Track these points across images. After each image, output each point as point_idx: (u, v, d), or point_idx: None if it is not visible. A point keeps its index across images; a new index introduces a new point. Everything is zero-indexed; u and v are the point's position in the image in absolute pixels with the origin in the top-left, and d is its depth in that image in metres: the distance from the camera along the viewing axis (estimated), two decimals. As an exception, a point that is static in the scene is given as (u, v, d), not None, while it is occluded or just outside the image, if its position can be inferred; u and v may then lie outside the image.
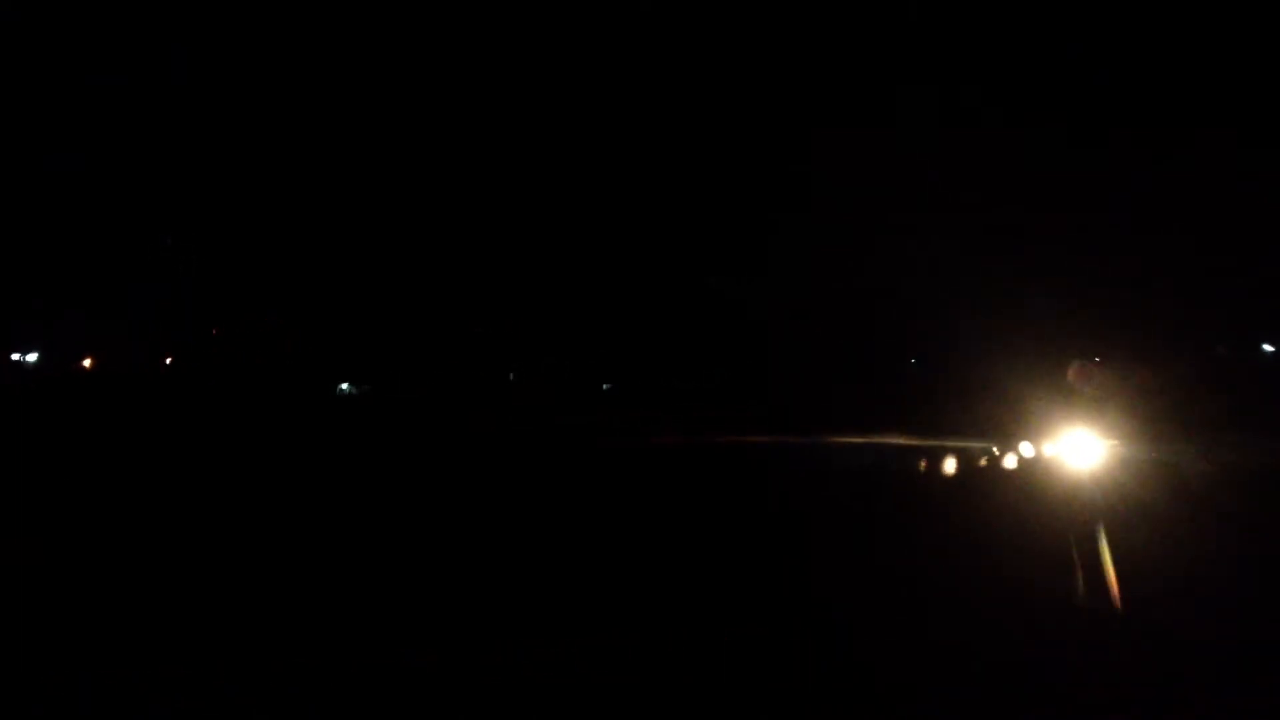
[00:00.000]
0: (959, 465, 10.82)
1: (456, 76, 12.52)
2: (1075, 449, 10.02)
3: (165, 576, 7.21)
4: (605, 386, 13.04)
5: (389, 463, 10.87)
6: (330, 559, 7.65)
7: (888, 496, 10.00)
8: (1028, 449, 10.64)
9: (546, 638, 6.26)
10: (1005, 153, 11.52)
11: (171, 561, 7.57)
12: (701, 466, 11.42)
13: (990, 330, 11.99)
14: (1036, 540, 7.85)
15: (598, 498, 9.58)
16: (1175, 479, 9.30)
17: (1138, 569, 7.12)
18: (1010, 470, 10.48)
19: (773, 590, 7.16)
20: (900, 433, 12.09)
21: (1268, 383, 12.14)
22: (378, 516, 8.88)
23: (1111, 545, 7.45)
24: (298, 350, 13.25)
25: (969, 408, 11.99)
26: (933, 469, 11.06)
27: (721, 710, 5.56)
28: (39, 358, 16.13)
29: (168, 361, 15.12)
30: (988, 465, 10.80)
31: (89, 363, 16.07)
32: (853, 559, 7.78)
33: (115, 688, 5.60)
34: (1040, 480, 9.79)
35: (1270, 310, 11.83)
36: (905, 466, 11.29)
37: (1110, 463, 9.74)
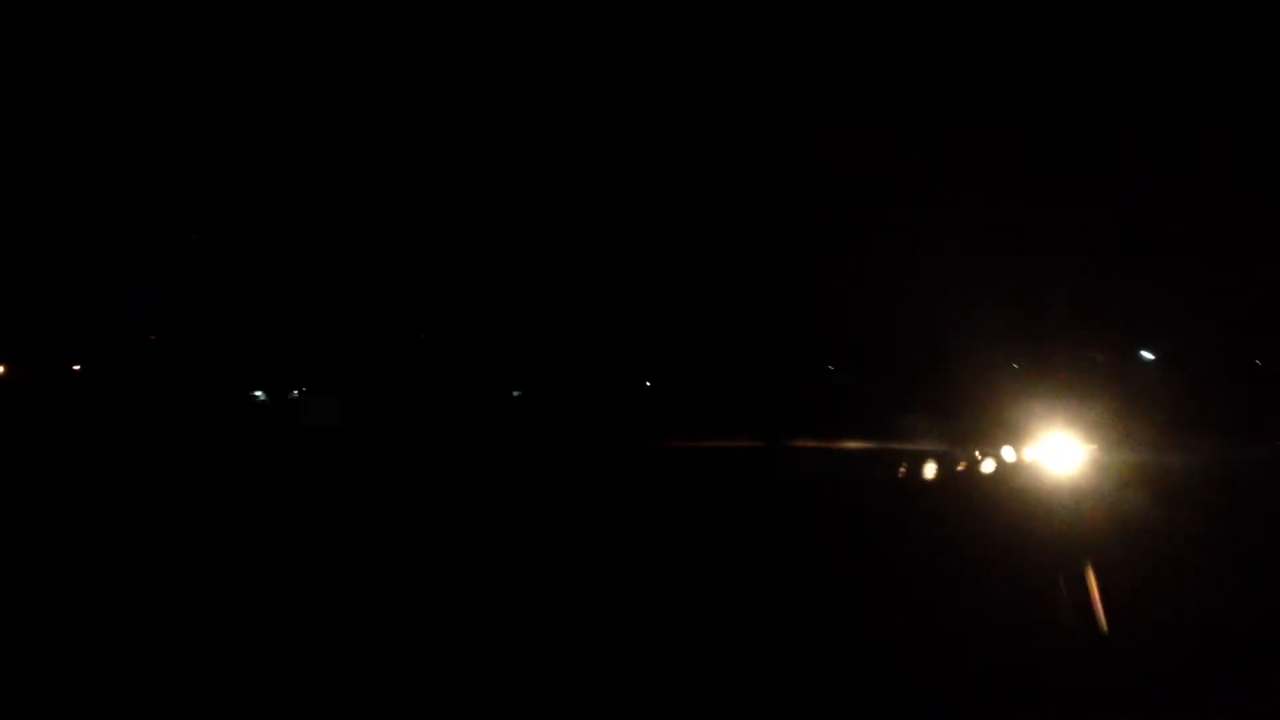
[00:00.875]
0: (939, 470, 10.93)
1: (453, 75, 12.51)
2: (1056, 453, 10.14)
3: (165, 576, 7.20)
4: (604, 386, 13.04)
5: (387, 466, 10.85)
6: (330, 560, 7.64)
7: (876, 499, 10.10)
8: (1009, 453, 10.76)
9: (546, 638, 6.28)
10: (1002, 153, 11.63)
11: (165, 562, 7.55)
12: (699, 468, 11.46)
13: (972, 335, 12.11)
14: (1022, 542, 7.97)
15: (596, 498, 9.60)
16: (1158, 480, 9.44)
17: (1124, 571, 7.24)
18: (990, 474, 10.61)
19: (769, 590, 7.23)
20: (880, 438, 12.17)
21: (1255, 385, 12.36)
22: (377, 518, 8.87)
23: (1096, 548, 7.58)
24: (297, 351, 13.13)
25: (949, 413, 12.10)
26: (913, 474, 11.17)
27: (721, 710, 5.61)
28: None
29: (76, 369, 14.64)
30: (967, 470, 10.92)
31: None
32: (843, 559, 7.86)
33: (115, 688, 5.59)
34: (1022, 484, 9.92)
35: (1270, 313, 12.01)
36: (889, 470, 11.39)
37: (1091, 466, 9.88)
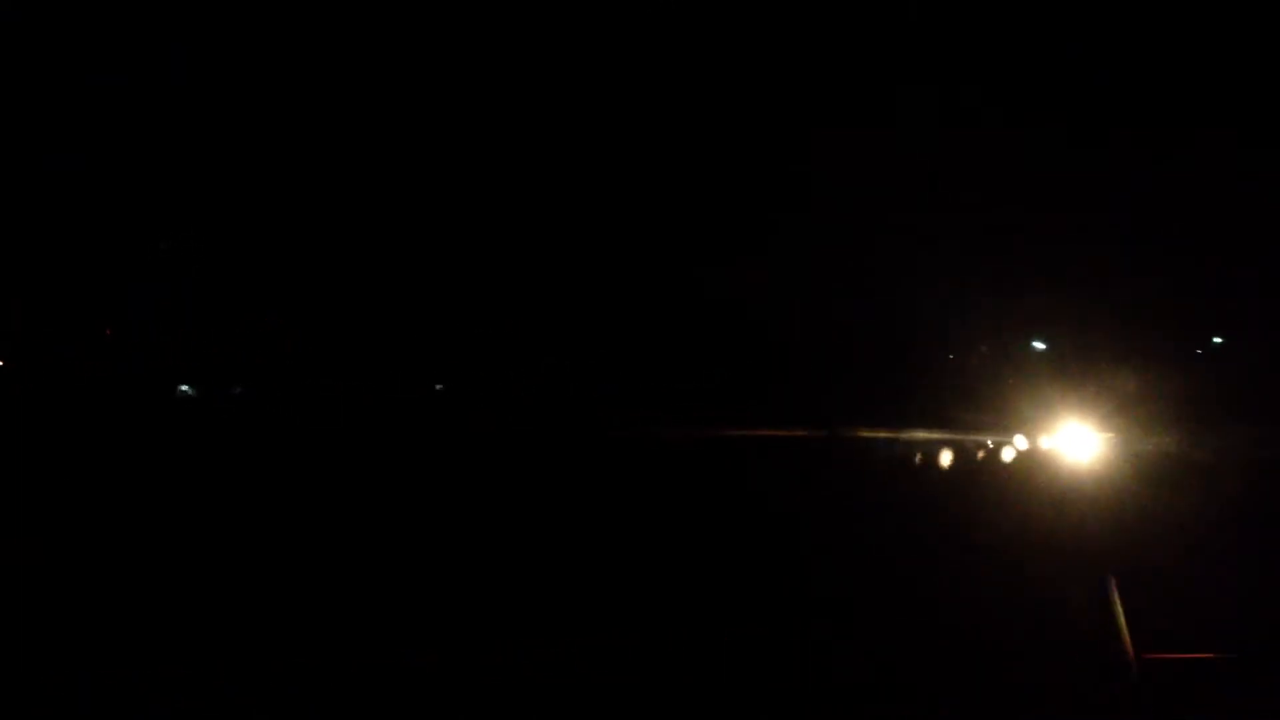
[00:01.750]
0: (956, 459, 10.84)
1: (453, 74, 12.47)
2: (1072, 441, 10.03)
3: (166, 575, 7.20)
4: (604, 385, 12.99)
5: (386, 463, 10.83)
6: (329, 559, 7.63)
7: (886, 490, 10.02)
8: (1022, 442, 10.65)
9: (546, 637, 6.24)
10: (1006, 149, 11.50)
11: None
12: (701, 463, 11.41)
13: (986, 323, 11.98)
14: (1037, 534, 7.88)
15: (594, 498, 9.56)
16: (1177, 471, 9.32)
17: (1139, 563, 7.12)
18: (1008, 463, 10.50)
19: (772, 588, 7.17)
20: (897, 426, 12.09)
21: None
22: (375, 516, 8.86)
23: (1113, 539, 7.47)
24: (297, 350, 13.10)
25: (965, 401, 12.00)
26: (930, 462, 11.08)
27: (721, 710, 5.56)
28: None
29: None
30: (985, 458, 10.82)
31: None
32: (852, 554, 7.79)
33: (115, 687, 5.58)
34: (1038, 473, 9.81)
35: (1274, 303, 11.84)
36: (903, 460, 11.30)
37: (1108, 455, 9.76)
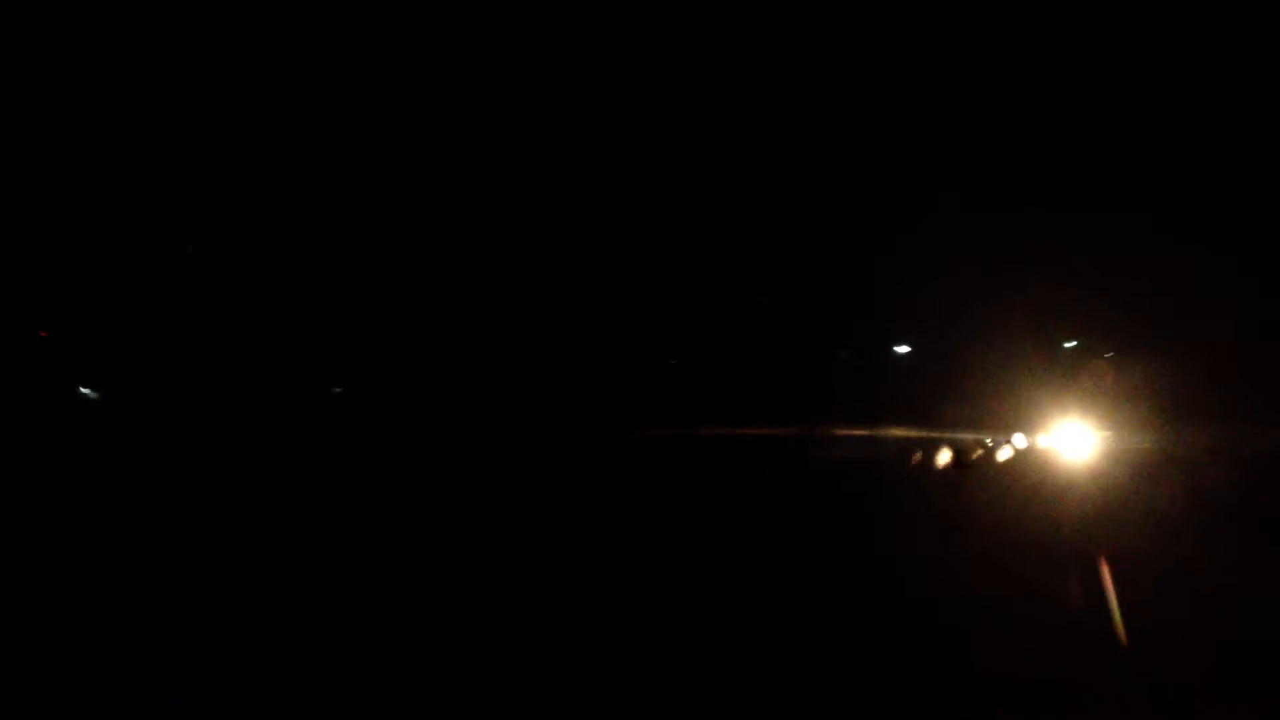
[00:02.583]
0: (953, 457, 10.81)
1: (453, 73, 12.42)
2: (1070, 440, 10.02)
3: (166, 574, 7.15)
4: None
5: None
6: (328, 558, 7.60)
7: (882, 489, 10.00)
8: (1021, 440, 10.64)
9: (546, 637, 6.23)
10: (997, 147, 11.50)
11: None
12: (695, 460, 11.40)
13: (982, 319, 11.97)
14: (1035, 534, 7.87)
15: (590, 495, 9.53)
16: (1178, 472, 9.31)
17: (1138, 565, 7.14)
18: (1005, 462, 10.48)
19: (768, 586, 7.16)
20: (893, 424, 12.08)
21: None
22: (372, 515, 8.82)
23: (1111, 540, 7.47)
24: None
25: (961, 399, 11.99)
26: (926, 461, 11.06)
27: (721, 710, 5.55)
28: None
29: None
30: (982, 457, 10.80)
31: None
32: (849, 553, 7.78)
33: (115, 687, 5.56)
34: (1036, 472, 9.80)
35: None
36: (899, 458, 11.29)
37: (1106, 454, 9.76)
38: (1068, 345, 11.20)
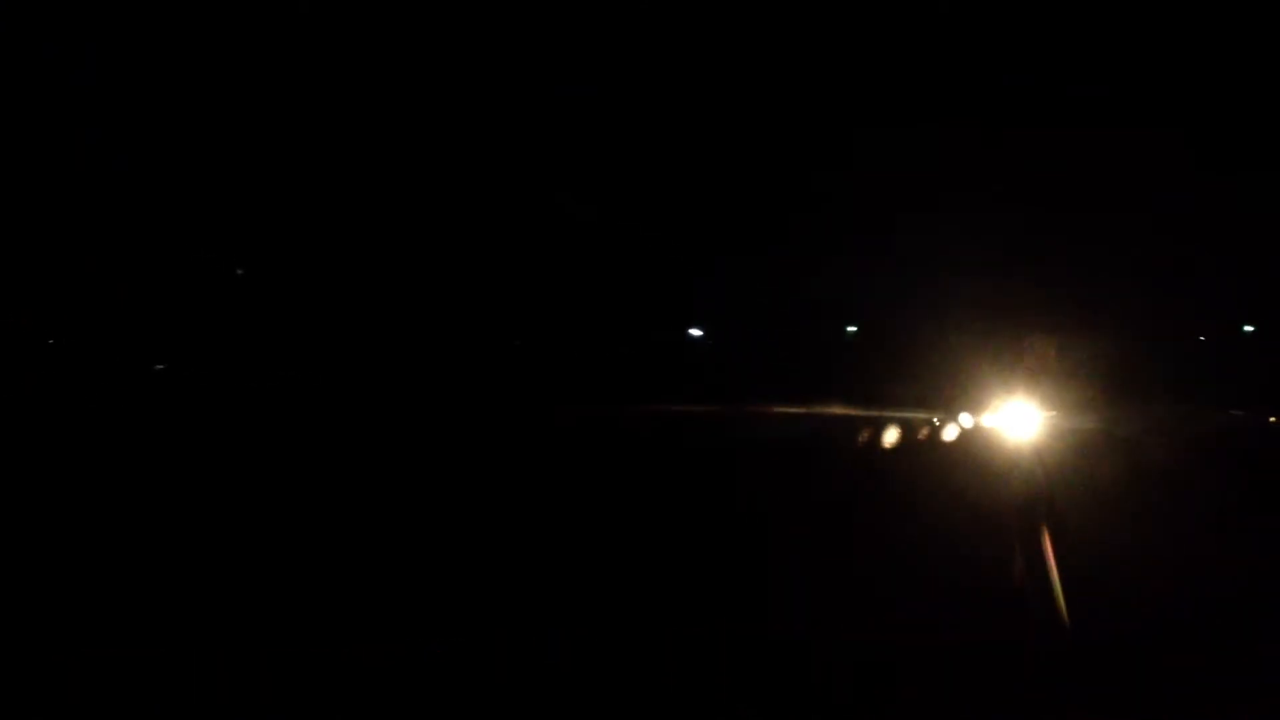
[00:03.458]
0: (900, 436, 10.95)
1: (453, 72, 12.37)
2: (1014, 419, 10.19)
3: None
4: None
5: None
6: (329, 549, 7.53)
7: (832, 469, 10.12)
8: (967, 419, 10.80)
9: (544, 637, 6.13)
10: (983, 143, 11.70)
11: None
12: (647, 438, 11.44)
13: (930, 300, 12.14)
14: (986, 515, 8.00)
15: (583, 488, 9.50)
16: (1121, 451, 9.51)
17: (1085, 544, 7.27)
18: (951, 441, 10.64)
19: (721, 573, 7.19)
20: (839, 403, 12.20)
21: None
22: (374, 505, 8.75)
23: (1057, 519, 7.60)
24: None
25: (908, 378, 12.14)
26: (873, 440, 11.18)
27: (720, 709, 5.55)
28: None
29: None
30: (928, 436, 10.95)
31: None
32: (797, 537, 7.85)
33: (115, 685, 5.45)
34: (983, 451, 9.95)
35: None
36: (845, 437, 11.40)
37: (1050, 433, 9.93)
38: (1017, 328, 11.41)
